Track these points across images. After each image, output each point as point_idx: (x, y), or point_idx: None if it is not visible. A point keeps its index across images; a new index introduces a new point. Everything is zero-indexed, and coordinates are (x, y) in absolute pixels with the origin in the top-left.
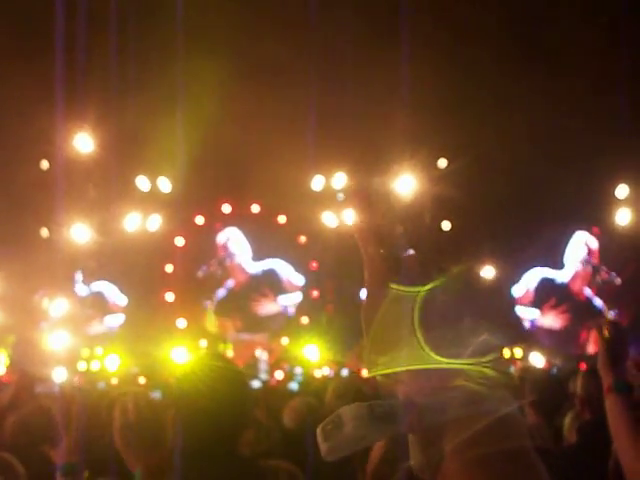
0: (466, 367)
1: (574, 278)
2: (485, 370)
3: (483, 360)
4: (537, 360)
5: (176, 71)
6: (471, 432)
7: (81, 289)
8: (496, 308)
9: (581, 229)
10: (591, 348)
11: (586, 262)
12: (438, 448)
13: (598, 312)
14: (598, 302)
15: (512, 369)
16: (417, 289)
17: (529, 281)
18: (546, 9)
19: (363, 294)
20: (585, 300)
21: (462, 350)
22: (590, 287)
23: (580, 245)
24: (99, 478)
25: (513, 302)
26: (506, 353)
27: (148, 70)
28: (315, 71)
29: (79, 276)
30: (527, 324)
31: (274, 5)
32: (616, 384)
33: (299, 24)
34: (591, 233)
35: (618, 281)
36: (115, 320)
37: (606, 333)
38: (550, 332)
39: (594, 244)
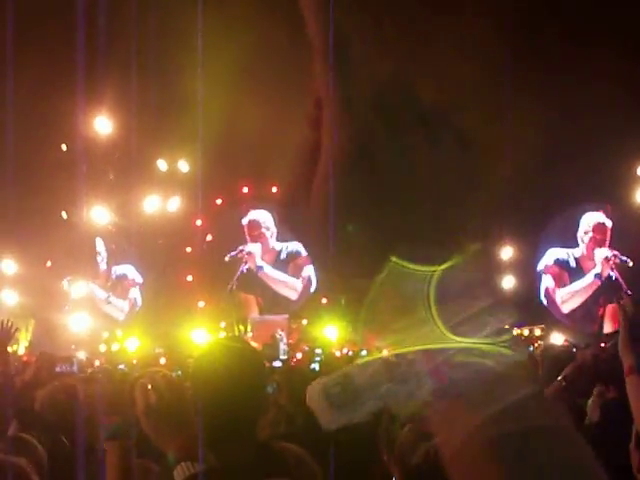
0: (483, 346)
1: (588, 256)
2: (502, 349)
3: (499, 339)
4: (556, 339)
5: (197, 54)
6: (500, 407)
7: (101, 271)
8: (513, 287)
9: (598, 208)
10: (608, 326)
11: (596, 241)
12: (466, 419)
13: (614, 288)
14: (612, 273)
15: (531, 348)
16: (433, 268)
17: (547, 260)
18: None
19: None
20: (602, 280)
21: (478, 329)
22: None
23: (589, 224)
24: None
25: (532, 281)
26: (525, 332)
27: (168, 53)
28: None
29: (99, 258)
30: (545, 303)
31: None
32: (638, 364)
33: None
34: (605, 212)
35: (630, 263)
36: (135, 301)
37: (627, 312)
38: (567, 310)
39: (603, 224)
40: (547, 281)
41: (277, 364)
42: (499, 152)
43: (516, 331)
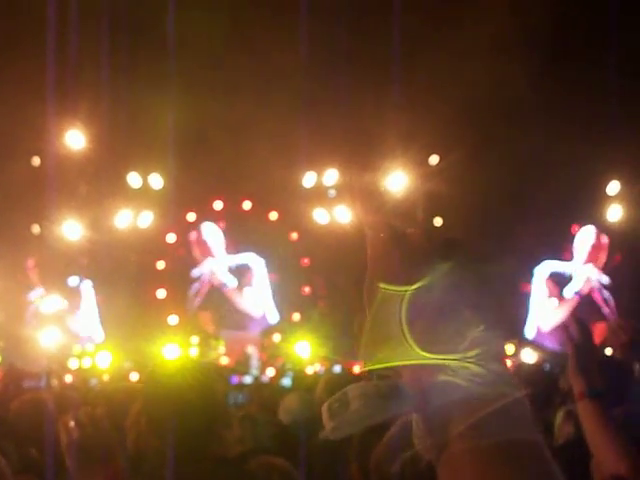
0: (451, 363)
1: (580, 269)
2: (469, 366)
3: (468, 355)
4: (528, 356)
5: (168, 68)
6: (478, 418)
7: (72, 286)
8: (486, 304)
9: (573, 224)
10: None
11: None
12: (444, 431)
13: (597, 309)
14: (606, 294)
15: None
16: (405, 288)
17: (541, 275)
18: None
19: (355, 289)
20: (589, 297)
21: (448, 346)
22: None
23: (585, 240)
24: None
25: (507, 297)
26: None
27: (140, 66)
28: (306, 68)
29: (70, 273)
30: (531, 323)
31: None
32: (589, 390)
33: (290, 22)
34: (572, 230)
35: (605, 280)
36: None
37: (573, 336)
38: (546, 328)
39: (596, 239)
40: (542, 292)
41: (247, 380)
42: (473, 171)
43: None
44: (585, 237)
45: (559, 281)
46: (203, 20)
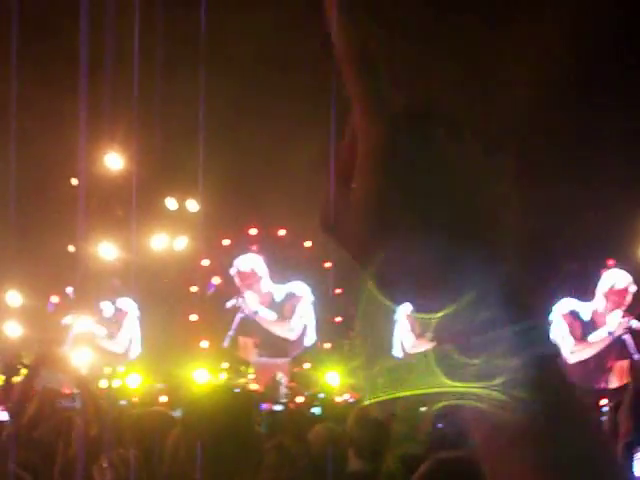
0: (478, 390)
1: (602, 312)
2: (495, 394)
3: (493, 383)
4: None
5: (205, 96)
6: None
7: (106, 307)
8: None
9: (605, 262)
10: (615, 382)
11: (615, 302)
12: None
13: (623, 347)
14: (625, 337)
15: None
16: (430, 316)
17: (562, 309)
18: None
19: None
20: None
21: (473, 373)
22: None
23: (609, 281)
24: None
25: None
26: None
27: (179, 91)
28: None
29: (104, 294)
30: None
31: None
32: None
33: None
34: (608, 266)
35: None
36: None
37: (638, 377)
38: (574, 361)
39: (623, 282)
40: (562, 327)
41: (278, 407)
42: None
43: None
44: (612, 280)
45: (578, 320)
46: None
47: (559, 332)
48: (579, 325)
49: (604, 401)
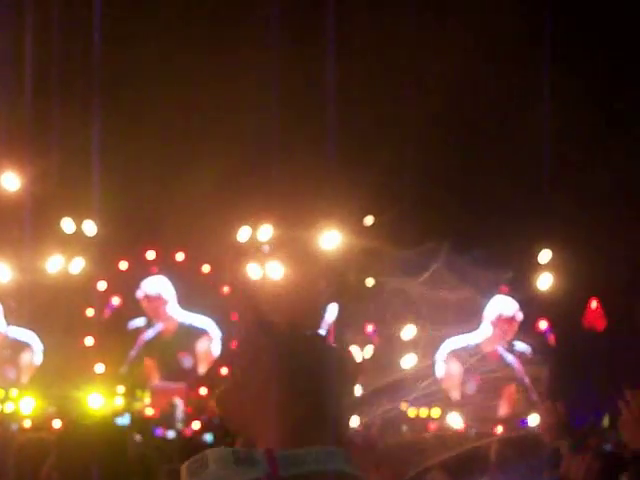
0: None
1: (486, 340)
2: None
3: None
4: (455, 421)
5: (102, 115)
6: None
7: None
8: (414, 366)
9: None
10: (504, 408)
11: (497, 326)
12: None
13: (511, 370)
14: (510, 358)
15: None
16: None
17: (448, 348)
18: None
19: None
20: (498, 359)
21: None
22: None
23: (495, 308)
24: None
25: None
26: (423, 412)
27: (75, 112)
28: (243, 122)
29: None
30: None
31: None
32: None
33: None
34: (501, 293)
35: (530, 352)
36: (30, 365)
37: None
38: (467, 396)
39: (509, 308)
40: (452, 368)
41: (171, 435)
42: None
43: (412, 411)
44: (498, 308)
45: (462, 354)
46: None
47: (443, 373)
48: (463, 359)
49: (499, 429)
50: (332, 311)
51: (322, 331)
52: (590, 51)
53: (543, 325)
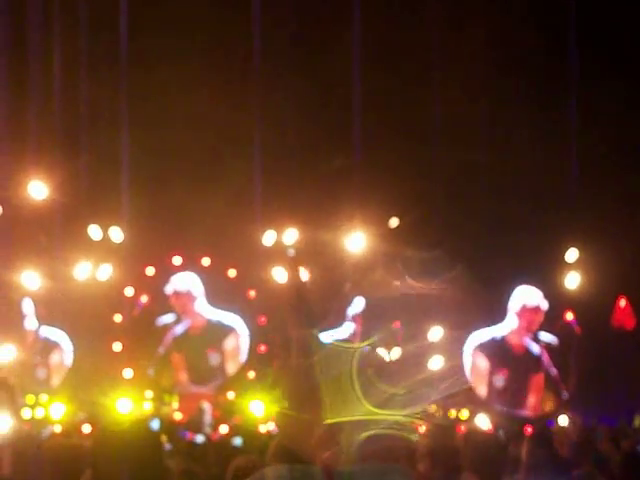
0: (398, 417)
1: (512, 332)
2: (415, 420)
3: (413, 412)
4: (482, 422)
5: (128, 124)
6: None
7: (29, 335)
8: (441, 367)
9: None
10: (532, 399)
11: (522, 316)
12: None
13: (538, 361)
14: (537, 349)
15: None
16: (354, 345)
17: (475, 342)
18: None
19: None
20: (524, 351)
21: (395, 401)
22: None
23: (519, 299)
24: None
25: (458, 363)
26: (451, 413)
27: (104, 120)
28: (268, 127)
29: (28, 322)
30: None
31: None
32: None
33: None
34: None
35: (556, 343)
36: (61, 366)
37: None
38: (495, 392)
39: (533, 298)
40: (480, 362)
41: (199, 439)
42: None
43: (440, 412)
44: (522, 298)
45: (489, 347)
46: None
47: (471, 367)
48: (491, 353)
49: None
50: (357, 304)
51: (348, 326)
52: (615, 64)
53: (569, 316)
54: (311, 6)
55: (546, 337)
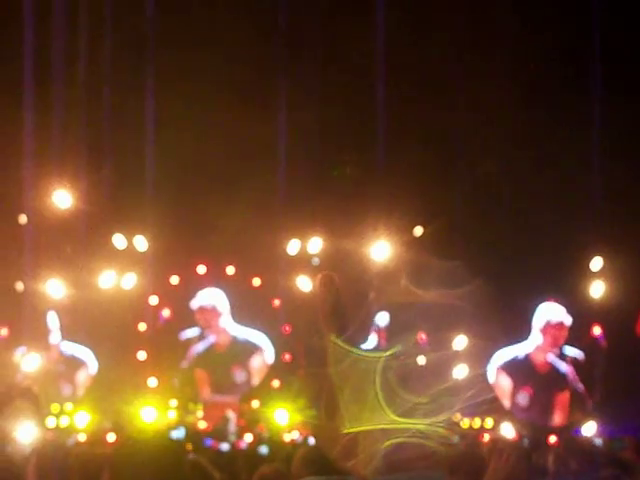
0: (420, 426)
1: (536, 349)
2: (438, 430)
3: (437, 420)
4: (508, 431)
5: (152, 132)
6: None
7: (55, 344)
8: (466, 377)
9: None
10: (558, 416)
11: (546, 333)
12: None
13: (564, 378)
14: (563, 367)
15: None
16: (379, 354)
17: (498, 361)
18: None
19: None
20: (550, 369)
21: (418, 411)
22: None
23: (542, 315)
24: None
25: (483, 371)
26: (475, 423)
27: (127, 130)
28: (291, 136)
29: (53, 331)
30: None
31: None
32: None
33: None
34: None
35: (582, 358)
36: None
37: None
38: (519, 410)
39: (557, 314)
40: (503, 381)
41: (224, 448)
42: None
43: (465, 421)
44: (546, 315)
45: (514, 364)
46: (185, 86)
47: (496, 385)
48: (515, 370)
49: (552, 438)
50: (382, 318)
51: (372, 336)
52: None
53: (597, 331)
54: (336, 20)
55: (572, 352)
